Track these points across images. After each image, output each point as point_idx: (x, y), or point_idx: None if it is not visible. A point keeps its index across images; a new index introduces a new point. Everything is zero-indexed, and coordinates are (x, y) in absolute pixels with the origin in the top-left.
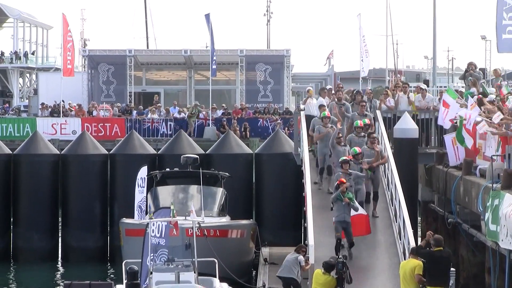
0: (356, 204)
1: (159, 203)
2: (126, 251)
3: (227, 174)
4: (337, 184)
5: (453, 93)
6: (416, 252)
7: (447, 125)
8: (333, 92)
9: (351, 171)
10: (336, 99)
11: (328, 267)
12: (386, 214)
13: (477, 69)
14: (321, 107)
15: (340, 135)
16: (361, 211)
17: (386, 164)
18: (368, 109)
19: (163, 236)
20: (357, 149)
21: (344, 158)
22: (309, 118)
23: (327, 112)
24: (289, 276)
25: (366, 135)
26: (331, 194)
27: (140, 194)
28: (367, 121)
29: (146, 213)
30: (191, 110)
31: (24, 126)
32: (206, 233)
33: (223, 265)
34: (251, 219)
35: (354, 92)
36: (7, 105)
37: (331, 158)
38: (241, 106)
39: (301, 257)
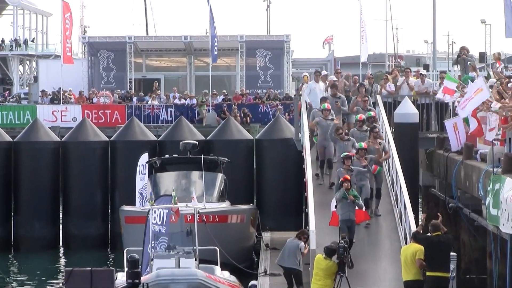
0: (361, 202)
1: (159, 189)
2: (126, 239)
3: (226, 159)
4: (341, 181)
5: (453, 78)
6: (413, 237)
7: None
8: (328, 79)
9: (353, 167)
10: (330, 94)
11: (329, 252)
12: (387, 200)
13: (469, 53)
14: (322, 100)
15: (341, 130)
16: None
17: (388, 149)
18: (371, 103)
19: (164, 223)
20: (363, 144)
21: (346, 153)
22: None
23: (327, 105)
24: (290, 266)
25: (369, 129)
26: (332, 188)
27: (141, 181)
28: (372, 113)
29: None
30: (200, 98)
31: (25, 113)
32: (205, 219)
33: (224, 252)
34: (251, 204)
35: (358, 85)
36: (7, 92)
37: (335, 153)
38: (242, 92)
39: (302, 244)
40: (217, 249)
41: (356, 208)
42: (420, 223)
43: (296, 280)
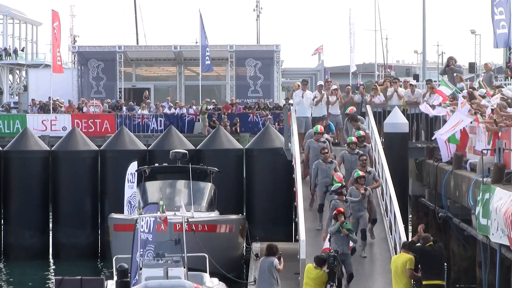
0: (355, 236)
1: (148, 198)
2: (114, 246)
3: (215, 169)
4: (335, 214)
5: (447, 85)
6: (408, 247)
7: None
8: (324, 88)
9: (347, 197)
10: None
11: (319, 261)
12: (377, 210)
13: (457, 64)
14: (318, 121)
15: (326, 150)
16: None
17: (377, 159)
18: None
19: (151, 231)
20: (360, 173)
21: (340, 184)
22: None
23: (320, 127)
24: None
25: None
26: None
27: (129, 189)
28: (362, 133)
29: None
30: (204, 106)
31: (14, 122)
32: (194, 228)
33: (212, 261)
34: (240, 214)
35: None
36: None
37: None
38: (231, 102)
39: (276, 261)
40: (206, 256)
41: (351, 244)
42: (418, 232)
43: None
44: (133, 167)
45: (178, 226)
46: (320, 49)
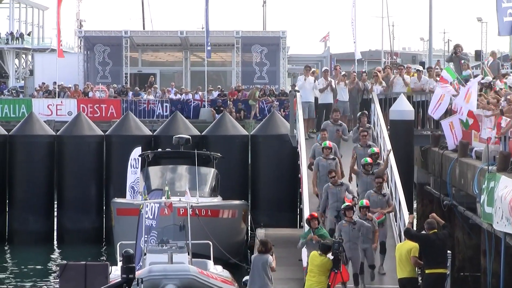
0: (331, 238)
1: (151, 183)
2: (117, 231)
3: (219, 154)
4: (307, 219)
5: (452, 72)
6: (410, 237)
7: (436, 116)
8: (330, 74)
9: (356, 219)
10: (332, 119)
11: (324, 248)
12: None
13: (463, 51)
14: (322, 129)
15: (334, 174)
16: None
17: (382, 146)
18: (371, 136)
19: (155, 217)
20: (364, 202)
21: (347, 204)
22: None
23: (328, 143)
24: None
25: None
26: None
27: (133, 175)
28: (375, 149)
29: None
30: (257, 94)
31: (20, 107)
32: (198, 213)
33: (218, 245)
34: (243, 200)
35: (359, 114)
36: (3, 84)
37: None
38: (237, 88)
39: (270, 258)
40: (210, 243)
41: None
42: (408, 221)
43: None
44: (136, 152)
45: (182, 210)
46: (326, 37)
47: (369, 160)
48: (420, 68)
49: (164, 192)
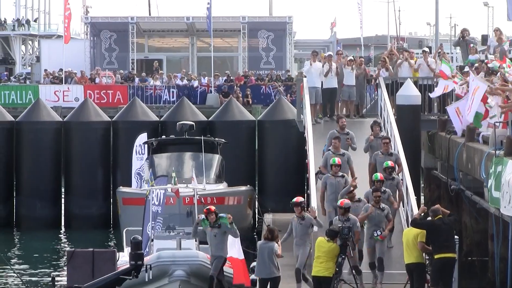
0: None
1: (156, 170)
2: (123, 220)
3: (223, 140)
4: (204, 212)
5: (449, 64)
6: (415, 224)
7: (432, 95)
8: (334, 59)
9: (305, 215)
10: (338, 127)
11: (332, 234)
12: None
13: (470, 35)
14: (334, 139)
15: (352, 189)
16: (237, 254)
17: (389, 131)
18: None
19: (161, 204)
20: (389, 163)
21: (294, 200)
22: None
23: (337, 159)
24: (270, 276)
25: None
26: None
27: (138, 161)
28: (390, 163)
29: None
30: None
31: (27, 93)
32: (203, 201)
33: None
34: (249, 185)
35: (371, 124)
36: (7, 72)
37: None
38: (244, 73)
39: (276, 246)
40: None
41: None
42: (420, 211)
43: (272, 287)
44: (141, 139)
45: (188, 199)
46: (334, 24)
47: (379, 176)
48: (427, 49)
49: (171, 178)
